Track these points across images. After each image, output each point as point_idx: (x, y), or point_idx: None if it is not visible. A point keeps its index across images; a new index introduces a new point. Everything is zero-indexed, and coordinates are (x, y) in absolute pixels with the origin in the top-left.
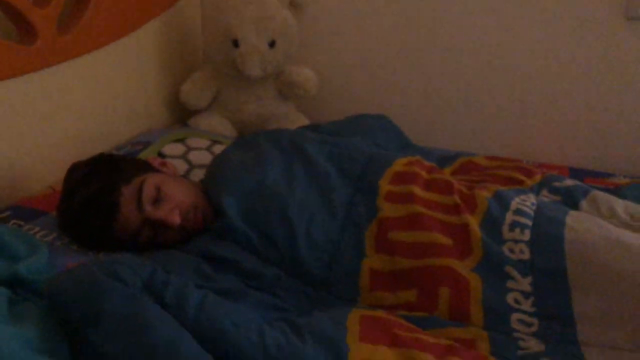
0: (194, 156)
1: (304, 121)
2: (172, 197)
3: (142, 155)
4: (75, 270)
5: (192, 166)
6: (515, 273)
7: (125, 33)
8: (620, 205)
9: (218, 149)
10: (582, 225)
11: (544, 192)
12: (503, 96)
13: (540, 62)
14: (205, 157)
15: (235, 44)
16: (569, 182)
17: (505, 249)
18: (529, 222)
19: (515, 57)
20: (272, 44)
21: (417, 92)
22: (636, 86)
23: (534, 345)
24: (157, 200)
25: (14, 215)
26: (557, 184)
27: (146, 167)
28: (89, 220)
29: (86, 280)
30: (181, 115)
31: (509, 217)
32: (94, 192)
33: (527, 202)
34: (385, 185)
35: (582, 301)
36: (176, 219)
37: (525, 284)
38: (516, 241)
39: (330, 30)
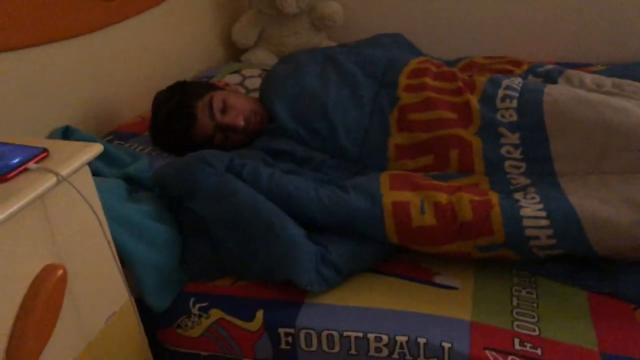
0: (249, 82)
1: None
2: (236, 107)
3: None
4: (173, 161)
5: (248, 91)
6: (506, 132)
7: (156, 4)
8: (588, 78)
9: None
10: (556, 90)
11: (530, 76)
12: (500, 9)
13: None
14: (258, 83)
15: None
16: (549, 66)
17: (498, 115)
18: (516, 95)
19: None
20: None
21: (425, 14)
22: None
23: (523, 181)
24: (224, 110)
25: (115, 137)
26: (540, 69)
27: (213, 87)
28: (173, 129)
29: (183, 166)
30: (234, 53)
31: (501, 92)
32: (174, 106)
33: (514, 81)
34: (403, 80)
35: (557, 144)
36: (241, 122)
37: (514, 138)
38: (507, 108)
39: None
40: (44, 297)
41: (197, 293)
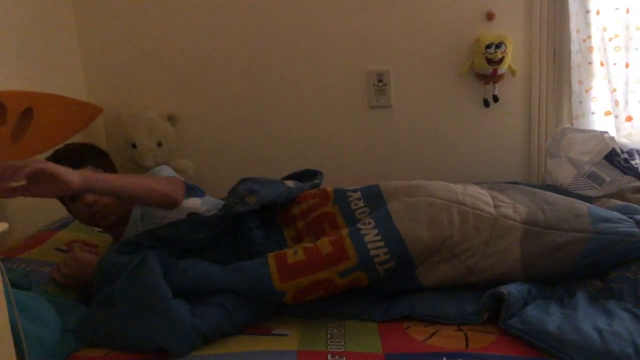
0: None
1: None
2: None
3: None
4: None
5: None
6: (352, 193)
7: (55, 145)
8: None
9: None
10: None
11: None
12: (299, 155)
13: (321, 135)
14: None
15: (134, 146)
16: None
17: (346, 190)
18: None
19: (309, 133)
20: (159, 144)
21: (255, 157)
22: (373, 143)
23: (363, 209)
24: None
25: None
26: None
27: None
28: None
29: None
30: None
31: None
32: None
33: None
34: None
35: (391, 205)
36: (90, 199)
37: (358, 194)
38: (354, 191)
39: (194, 134)
40: None
41: None
